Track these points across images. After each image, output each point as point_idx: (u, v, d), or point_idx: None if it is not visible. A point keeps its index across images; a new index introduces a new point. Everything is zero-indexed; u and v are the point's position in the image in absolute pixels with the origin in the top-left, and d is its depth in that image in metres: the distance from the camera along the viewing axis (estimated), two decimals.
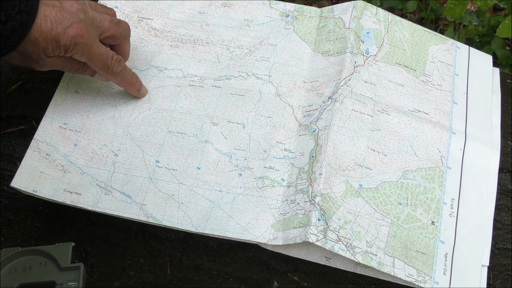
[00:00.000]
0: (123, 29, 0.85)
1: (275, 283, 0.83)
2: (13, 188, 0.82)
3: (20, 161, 0.84)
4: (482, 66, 0.96)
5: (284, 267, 0.84)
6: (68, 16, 0.74)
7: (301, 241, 0.76)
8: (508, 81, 0.97)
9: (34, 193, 0.81)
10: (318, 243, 0.75)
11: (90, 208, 0.81)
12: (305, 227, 0.76)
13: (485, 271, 0.81)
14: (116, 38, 0.84)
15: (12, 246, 0.80)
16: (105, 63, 0.82)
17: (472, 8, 1.59)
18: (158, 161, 0.85)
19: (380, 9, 0.96)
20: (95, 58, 0.80)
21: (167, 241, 0.85)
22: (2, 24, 0.67)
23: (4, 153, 0.87)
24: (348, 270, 0.80)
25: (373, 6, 0.95)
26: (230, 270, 0.84)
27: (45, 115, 0.87)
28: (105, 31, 0.81)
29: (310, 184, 0.80)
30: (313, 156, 0.82)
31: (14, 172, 0.83)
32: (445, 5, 1.41)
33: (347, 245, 0.76)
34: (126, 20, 0.96)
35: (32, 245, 0.84)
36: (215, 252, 0.84)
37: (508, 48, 1.59)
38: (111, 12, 0.85)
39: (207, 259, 0.84)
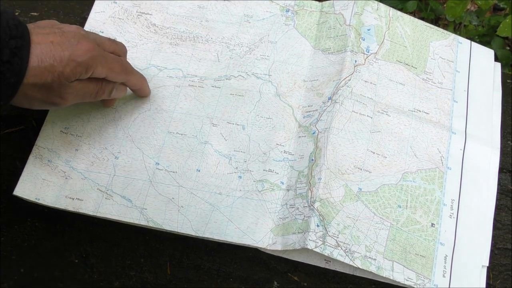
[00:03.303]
0: (121, 46, 0.85)
1: (275, 283, 0.84)
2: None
3: (20, 161, 0.84)
4: (483, 61, 0.95)
5: (284, 267, 0.84)
6: (72, 35, 0.73)
7: (300, 247, 0.76)
8: (508, 81, 0.97)
9: (36, 201, 0.82)
10: (317, 250, 0.75)
11: (91, 213, 0.81)
12: (304, 233, 0.76)
13: (484, 271, 0.81)
14: (117, 54, 0.83)
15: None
16: (122, 65, 0.81)
17: (472, 8, 1.59)
18: (158, 163, 0.84)
19: (381, 4, 0.95)
20: (113, 64, 0.79)
21: (167, 241, 0.85)
22: None
23: (4, 153, 0.87)
24: (347, 272, 0.80)
25: (374, 1, 0.94)
26: (230, 270, 0.84)
27: (46, 120, 0.87)
28: (106, 47, 0.80)
29: (309, 188, 0.80)
30: (312, 160, 0.82)
31: (14, 172, 0.83)
32: (445, 5, 1.41)
33: (346, 250, 0.76)
34: (125, 15, 0.96)
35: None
36: (215, 252, 0.84)
37: (508, 48, 1.59)
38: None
39: (207, 259, 0.84)
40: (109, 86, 0.82)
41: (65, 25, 0.76)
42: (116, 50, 0.83)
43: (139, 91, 0.88)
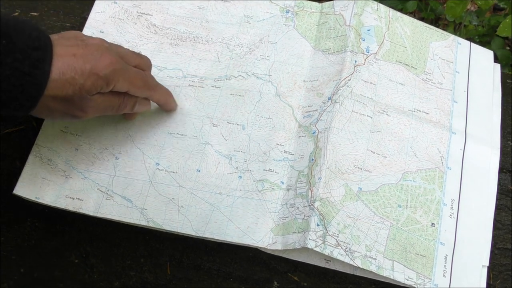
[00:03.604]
0: (146, 60, 0.84)
1: (275, 283, 0.84)
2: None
3: (20, 161, 0.84)
4: (483, 62, 0.95)
5: (284, 267, 0.84)
6: (95, 48, 0.73)
7: (300, 246, 0.76)
8: (508, 81, 0.97)
9: (36, 200, 0.82)
10: (317, 249, 0.75)
11: (92, 213, 0.81)
12: (304, 232, 0.76)
13: (485, 271, 0.81)
14: (141, 68, 0.82)
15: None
16: (144, 80, 0.80)
17: (472, 8, 1.59)
18: (158, 164, 0.84)
19: (381, 5, 0.95)
20: (135, 78, 0.78)
21: (167, 241, 0.85)
22: (19, 62, 0.64)
23: (4, 153, 0.87)
24: (348, 272, 0.80)
25: (374, 2, 0.94)
26: (230, 270, 0.84)
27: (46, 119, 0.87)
28: (129, 61, 0.79)
29: (310, 188, 0.80)
30: (312, 159, 0.82)
31: (14, 172, 0.83)
32: (445, 5, 1.41)
33: (346, 250, 0.76)
34: (126, 16, 0.96)
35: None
36: (215, 252, 0.84)
37: (508, 48, 1.59)
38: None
39: (207, 259, 0.84)
40: (131, 100, 0.81)
41: (89, 37, 0.75)
42: (140, 64, 0.82)
43: (164, 106, 0.88)
